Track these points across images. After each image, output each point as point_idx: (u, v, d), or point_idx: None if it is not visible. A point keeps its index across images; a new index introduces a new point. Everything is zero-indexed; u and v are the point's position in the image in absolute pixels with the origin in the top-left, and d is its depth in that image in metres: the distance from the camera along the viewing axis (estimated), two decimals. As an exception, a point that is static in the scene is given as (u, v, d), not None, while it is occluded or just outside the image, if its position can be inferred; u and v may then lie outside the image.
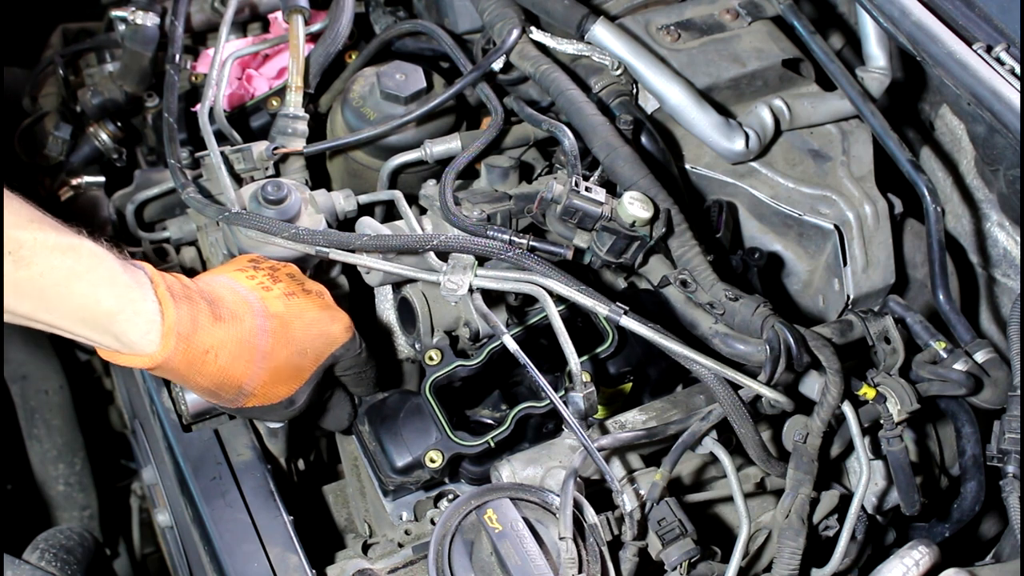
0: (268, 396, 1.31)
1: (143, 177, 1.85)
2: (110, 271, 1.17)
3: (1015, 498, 1.34)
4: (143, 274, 1.21)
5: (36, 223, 1.14)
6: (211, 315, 1.23)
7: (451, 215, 1.47)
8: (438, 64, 1.89)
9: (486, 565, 1.22)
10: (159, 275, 1.23)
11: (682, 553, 1.25)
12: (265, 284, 1.34)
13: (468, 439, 1.40)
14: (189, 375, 1.23)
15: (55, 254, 1.13)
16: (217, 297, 1.27)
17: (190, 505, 1.47)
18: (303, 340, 1.32)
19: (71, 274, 1.14)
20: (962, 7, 1.55)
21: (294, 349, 1.31)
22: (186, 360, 1.21)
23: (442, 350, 1.44)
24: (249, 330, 1.26)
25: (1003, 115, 1.46)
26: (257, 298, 1.31)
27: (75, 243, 1.16)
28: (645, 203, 1.41)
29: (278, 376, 1.30)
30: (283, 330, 1.30)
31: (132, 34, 1.86)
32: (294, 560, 1.37)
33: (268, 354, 1.28)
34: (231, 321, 1.25)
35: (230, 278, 1.34)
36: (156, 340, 1.19)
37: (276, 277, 1.36)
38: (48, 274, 1.13)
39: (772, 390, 1.34)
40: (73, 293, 1.15)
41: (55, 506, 2.23)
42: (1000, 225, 1.82)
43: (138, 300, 1.18)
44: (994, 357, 1.47)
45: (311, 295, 1.37)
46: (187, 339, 1.20)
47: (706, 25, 1.79)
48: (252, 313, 1.28)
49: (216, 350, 1.23)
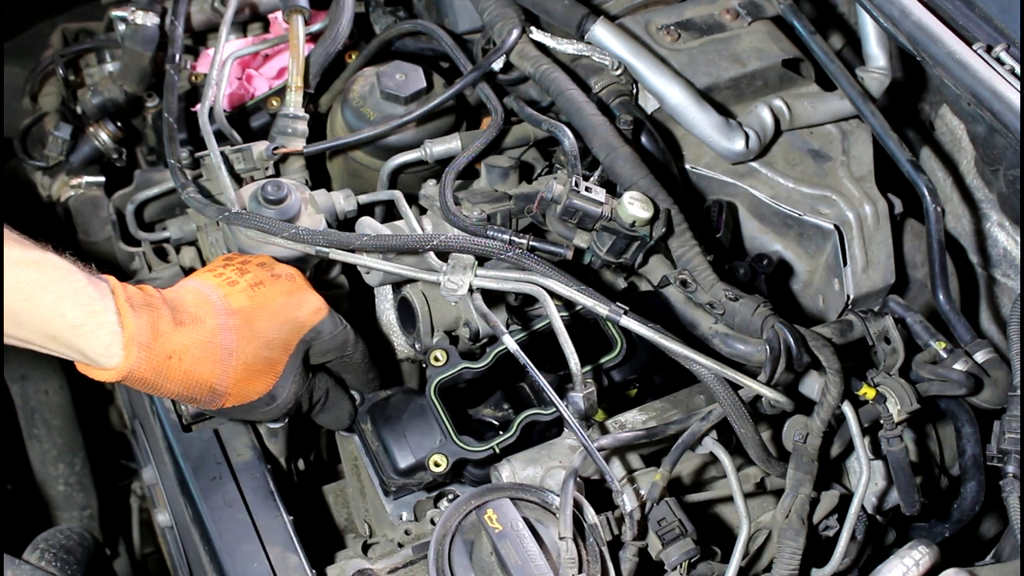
0: (244, 394, 1.31)
1: (143, 177, 1.85)
2: (73, 284, 1.18)
3: (1015, 498, 1.34)
4: (106, 286, 1.22)
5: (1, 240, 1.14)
6: (172, 320, 1.24)
7: (451, 215, 1.47)
8: (438, 64, 1.89)
9: (486, 565, 1.22)
10: (120, 286, 1.23)
11: (682, 553, 1.25)
12: (231, 279, 1.34)
13: (473, 444, 1.40)
14: (157, 382, 1.24)
15: (20, 268, 1.14)
16: (180, 302, 1.27)
17: (190, 505, 1.46)
18: (268, 330, 1.32)
19: (36, 287, 1.15)
20: (962, 7, 1.55)
21: (260, 342, 1.31)
22: (151, 368, 1.22)
23: (447, 351, 1.44)
24: (211, 330, 1.27)
25: (1003, 115, 1.45)
26: (220, 296, 1.31)
27: (40, 257, 1.17)
28: (645, 203, 1.41)
29: (248, 372, 1.30)
30: (247, 325, 1.30)
31: (132, 34, 1.86)
32: (294, 560, 1.37)
33: (233, 351, 1.28)
34: (192, 324, 1.25)
35: (198, 280, 1.35)
36: (119, 352, 1.19)
37: (244, 269, 1.36)
38: (15, 288, 1.14)
39: (772, 390, 1.34)
40: (39, 307, 1.16)
41: (55, 506, 2.23)
42: (1000, 225, 1.82)
43: (100, 312, 1.19)
44: (994, 357, 1.47)
45: (279, 279, 1.37)
46: (148, 347, 1.21)
47: (706, 25, 1.79)
48: (214, 312, 1.28)
49: (179, 354, 1.24)
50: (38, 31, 2.25)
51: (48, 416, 2.23)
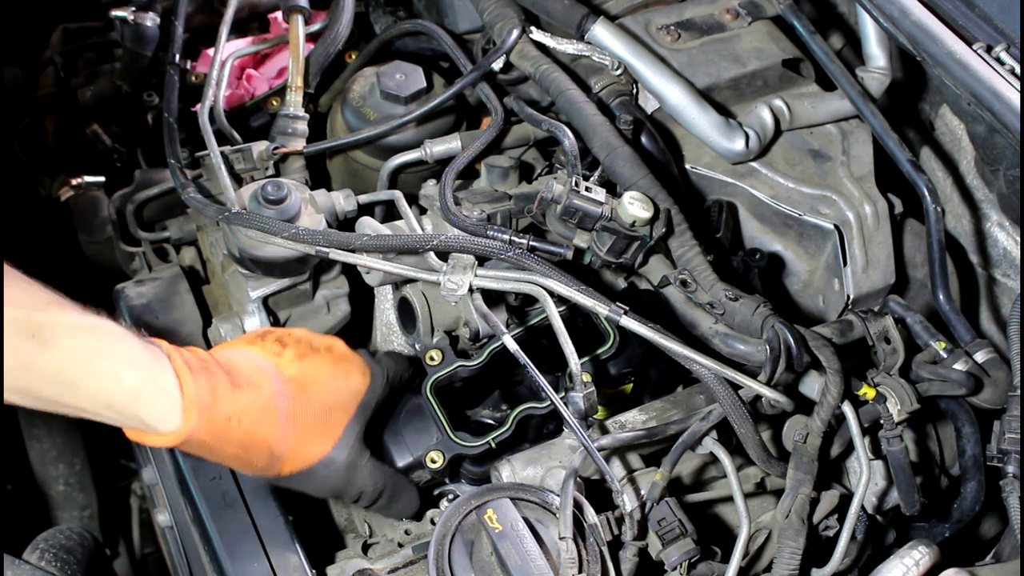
0: (302, 456, 1.30)
1: (143, 177, 1.85)
2: (130, 349, 1.16)
3: (1015, 498, 1.34)
4: (160, 351, 1.20)
5: (55, 305, 1.12)
6: (229, 383, 1.22)
7: (451, 215, 1.47)
8: (438, 64, 1.89)
9: (486, 565, 1.22)
10: (175, 350, 1.21)
11: (682, 553, 1.25)
12: (275, 351, 1.33)
13: (469, 439, 1.40)
14: (216, 444, 1.22)
15: (78, 334, 1.12)
16: (233, 366, 1.26)
17: (190, 505, 1.46)
18: (323, 398, 1.31)
19: (94, 353, 1.13)
20: (962, 7, 1.55)
21: (317, 407, 1.30)
22: (211, 430, 1.20)
23: (443, 350, 1.44)
24: (268, 395, 1.25)
25: (1003, 115, 1.45)
26: (271, 365, 1.30)
27: (96, 323, 1.15)
28: (645, 203, 1.41)
29: (307, 435, 1.29)
30: (301, 392, 1.29)
31: (132, 34, 1.86)
32: (294, 560, 1.37)
33: (291, 415, 1.27)
34: (249, 388, 1.24)
35: (242, 350, 1.33)
36: (178, 415, 1.17)
37: (284, 343, 1.35)
38: (73, 354, 1.11)
39: (772, 390, 1.34)
40: (96, 373, 1.13)
41: (55, 506, 2.23)
42: (1000, 225, 1.82)
43: (158, 377, 1.17)
44: (994, 357, 1.47)
45: (320, 352, 1.36)
46: (208, 409, 1.19)
47: (706, 25, 1.79)
48: (268, 379, 1.27)
49: (239, 416, 1.22)
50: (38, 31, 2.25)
51: (48, 416, 2.23)
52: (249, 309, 1.61)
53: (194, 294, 1.69)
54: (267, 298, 1.61)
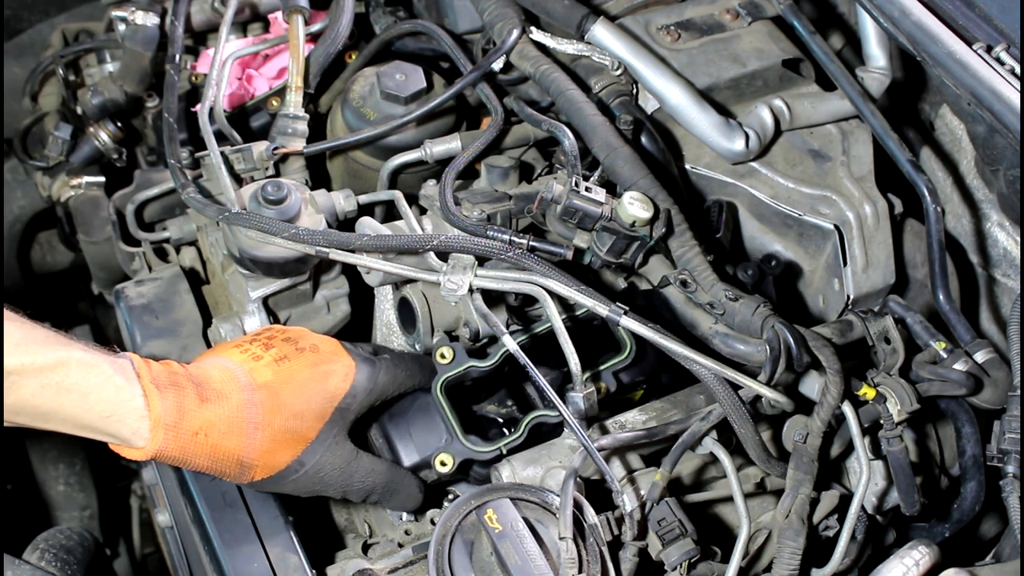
0: (271, 465, 1.31)
1: (143, 177, 1.85)
2: (99, 377, 1.19)
3: (1015, 498, 1.34)
4: (130, 367, 1.23)
5: (22, 347, 1.14)
6: (197, 397, 1.25)
7: (451, 215, 1.47)
8: (438, 64, 1.89)
9: (486, 565, 1.22)
10: (145, 366, 1.24)
11: (682, 553, 1.25)
12: (256, 354, 1.34)
13: (479, 444, 1.39)
14: (185, 458, 1.25)
15: (43, 375, 1.15)
16: (205, 378, 1.28)
17: (190, 505, 1.46)
18: (296, 403, 1.32)
19: (59, 390, 1.16)
20: (962, 7, 1.55)
21: (288, 414, 1.31)
22: (178, 446, 1.23)
23: (454, 349, 1.44)
24: (236, 406, 1.27)
25: (1003, 115, 1.45)
26: (245, 371, 1.31)
27: (62, 358, 1.17)
28: (645, 203, 1.41)
29: (275, 444, 1.30)
30: (272, 399, 1.30)
31: (132, 34, 1.86)
32: (294, 560, 1.37)
33: (259, 424, 1.28)
34: (217, 400, 1.26)
35: (222, 356, 1.35)
36: (146, 434, 1.21)
37: (269, 344, 1.37)
38: (39, 394, 1.15)
39: (772, 390, 1.34)
40: (64, 406, 1.17)
41: (55, 506, 2.24)
42: (1000, 225, 1.82)
43: (128, 400, 1.20)
44: (994, 357, 1.47)
45: (303, 353, 1.36)
46: (175, 427, 1.22)
47: (706, 25, 1.79)
48: (239, 388, 1.29)
49: (205, 430, 1.25)
50: (38, 31, 2.26)
51: (48, 416, 2.23)
52: (249, 309, 1.61)
53: (194, 294, 1.69)
54: (267, 298, 1.61)
